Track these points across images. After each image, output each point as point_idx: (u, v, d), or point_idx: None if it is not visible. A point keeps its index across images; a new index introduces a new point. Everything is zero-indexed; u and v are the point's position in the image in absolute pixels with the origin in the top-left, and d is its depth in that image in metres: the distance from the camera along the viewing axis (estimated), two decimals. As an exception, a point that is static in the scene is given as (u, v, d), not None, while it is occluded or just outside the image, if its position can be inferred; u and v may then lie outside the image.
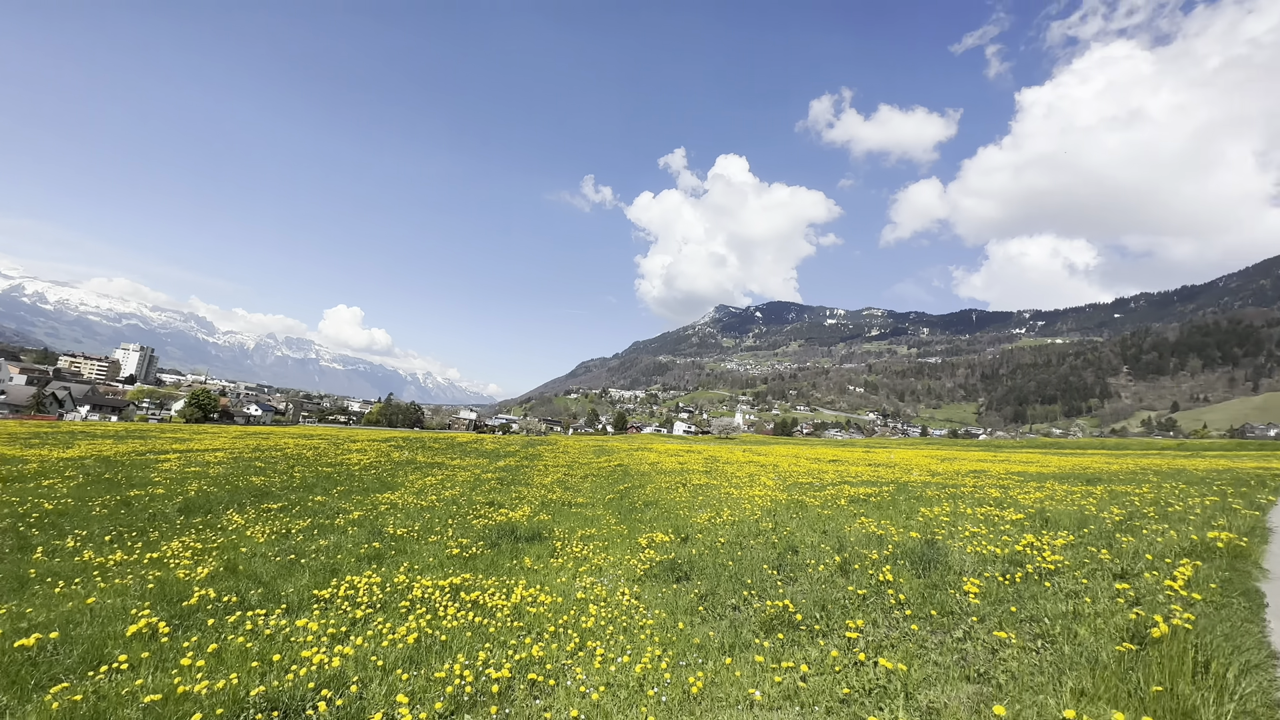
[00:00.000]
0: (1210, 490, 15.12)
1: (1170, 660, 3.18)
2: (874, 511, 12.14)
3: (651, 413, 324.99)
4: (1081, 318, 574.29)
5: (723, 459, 32.84)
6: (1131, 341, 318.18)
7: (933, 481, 18.45)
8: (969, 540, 8.59)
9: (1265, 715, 2.92)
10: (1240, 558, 6.44)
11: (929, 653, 4.49)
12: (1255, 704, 2.96)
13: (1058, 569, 6.50)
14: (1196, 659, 3.21)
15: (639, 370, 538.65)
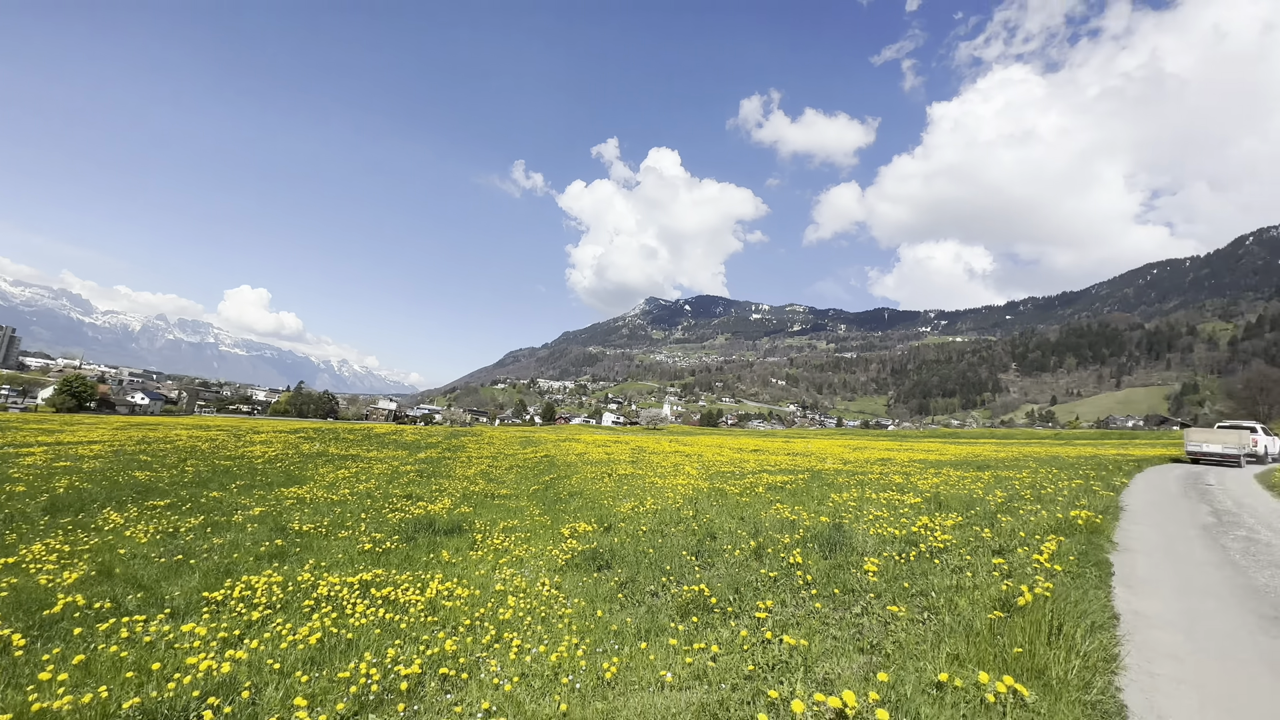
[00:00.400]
0: (1077, 474, 16.98)
1: (1030, 625, 3.56)
2: (789, 498, 12.73)
3: (581, 404, 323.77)
4: (979, 318, 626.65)
5: (649, 449, 33.30)
6: (1020, 341, 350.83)
7: (844, 469, 19.57)
8: (872, 523, 9.19)
9: (1104, 667, 3.35)
10: (1096, 533, 7.30)
11: (830, 628, 4.78)
12: (1096, 659, 3.38)
13: (946, 547, 7.09)
14: (1052, 623, 3.61)
15: (568, 361, 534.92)
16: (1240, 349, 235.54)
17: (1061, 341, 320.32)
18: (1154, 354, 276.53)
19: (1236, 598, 5.13)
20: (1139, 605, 4.71)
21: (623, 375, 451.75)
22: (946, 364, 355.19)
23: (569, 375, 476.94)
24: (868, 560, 6.80)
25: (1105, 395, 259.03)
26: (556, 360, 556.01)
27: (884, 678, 3.03)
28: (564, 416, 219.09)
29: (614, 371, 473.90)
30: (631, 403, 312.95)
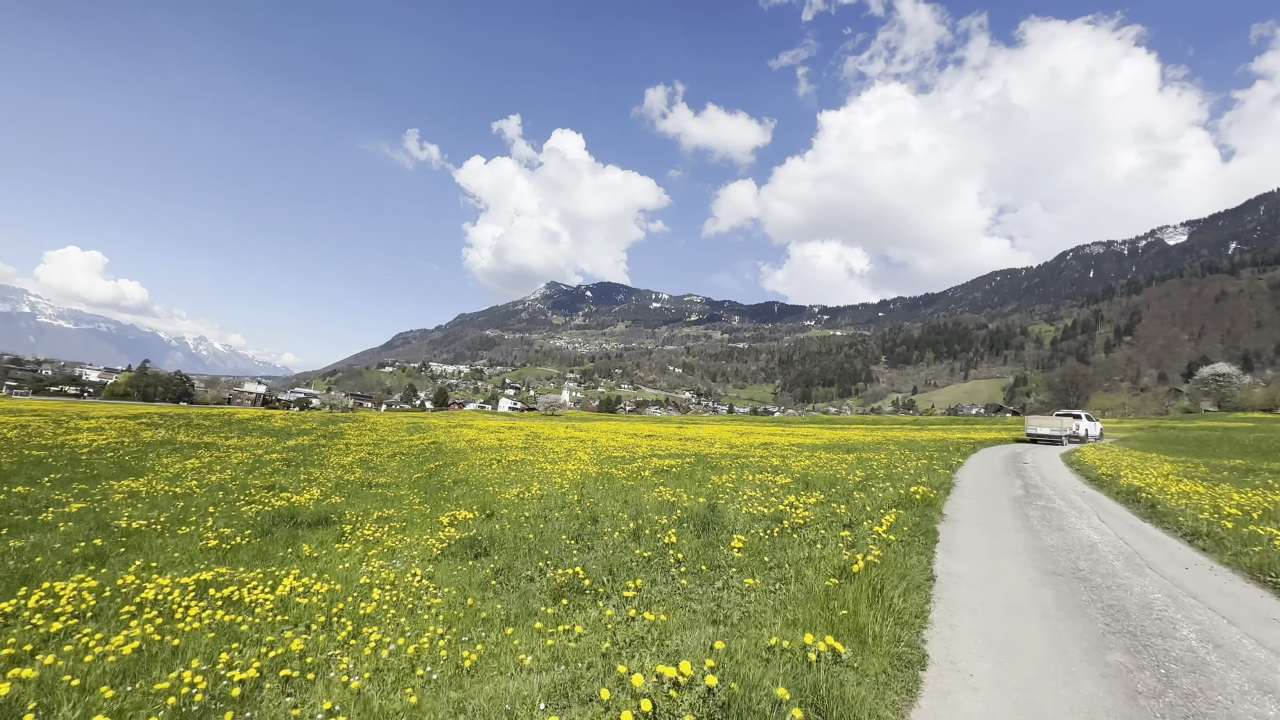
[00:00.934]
0: (925, 456, 19.10)
1: (858, 590, 3.96)
2: (673, 481, 13.16)
3: (476, 389, 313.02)
4: (856, 314, 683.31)
5: (544, 435, 32.95)
6: (889, 337, 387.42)
7: (729, 454, 20.58)
8: (746, 503, 9.74)
9: (915, 623, 3.80)
10: (930, 506, 8.26)
11: (692, 603, 5.01)
12: (909, 616, 3.84)
13: (806, 523, 7.69)
14: (875, 587, 4.04)
15: (464, 344, 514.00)
16: (1059, 348, 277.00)
17: (923, 338, 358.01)
18: (995, 350, 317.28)
19: (1029, 557, 6.03)
20: (953, 567, 5.38)
21: (521, 360, 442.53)
22: (827, 356, 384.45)
23: (464, 359, 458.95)
24: (736, 538, 7.20)
25: (956, 386, 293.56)
26: (451, 343, 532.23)
27: (720, 646, 3.22)
28: (458, 402, 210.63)
29: (512, 356, 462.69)
30: (530, 388, 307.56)
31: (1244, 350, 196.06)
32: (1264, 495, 10.39)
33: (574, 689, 3.22)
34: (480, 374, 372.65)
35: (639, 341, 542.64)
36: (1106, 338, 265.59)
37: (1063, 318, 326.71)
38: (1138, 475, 13.28)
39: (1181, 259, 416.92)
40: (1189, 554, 6.61)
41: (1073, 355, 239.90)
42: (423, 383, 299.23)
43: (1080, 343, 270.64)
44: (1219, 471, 16.32)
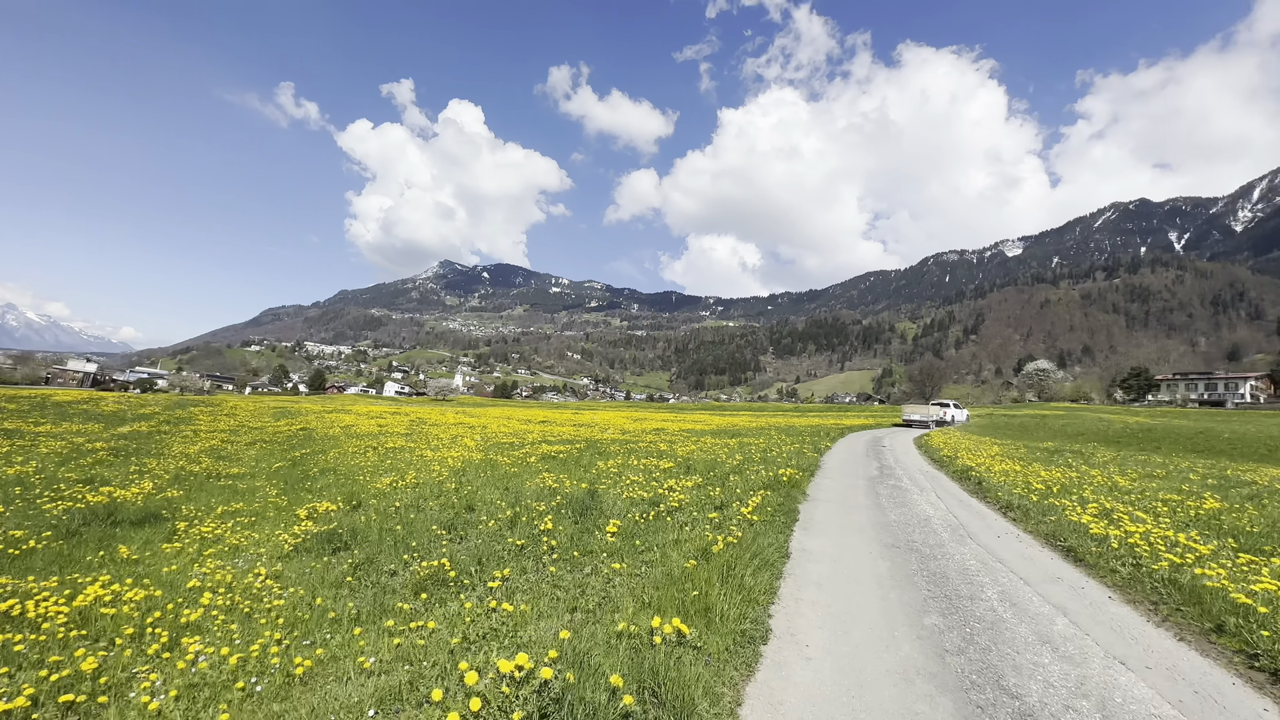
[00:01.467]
0: (800, 440, 20.46)
1: (713, 570, 4.08)
2: (559, 467, 13.01)
3: (359, 372, 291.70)
4: (748, 307, 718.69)
5: (431, 421, 31.37)
6: (776, 329, 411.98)
7: (620, 439, 20.76)
8: (627, 488, 9.82)
9: (764, 600, 3.98)
10: (795, 487, 8.80)
11: (558, 590, 4.91)
12: (759, 593, 4.01)
13: (681, 506, 7.88)
14: (729, 566, 4.19)
15: (346, 323, 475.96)
16: (920, 343, 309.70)
17: (806, 331, 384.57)
18: (867, 344, 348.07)
19: (874, 532, 6.60)
20: (808, 544, 5.72)
21: (411, 342, 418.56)
22: (720, 346, 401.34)
23: (346, 339, 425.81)
24: (612, 523, 7.21)
25: (833, 376, 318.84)
26: (331, 321, 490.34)
27: (565, 635, 3.15)
28: (338, 386, 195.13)
29: (400, 338, 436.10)
30: (419, 372, 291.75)
31: (1060, 349, 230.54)
32: (1063, 472, 12.26)
33: (411, 691, 3.00)
34: (364, 356, 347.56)
35: (538, 326, 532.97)
36: (957, 336, 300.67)
37: (923, 316, 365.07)
38: (971, 457, 15.13)
39: (1017, 269, 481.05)
40: (1003, 524, 7.58)
41: (930, 350, 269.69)
42: (296, 364, 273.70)
43: (936, 339, 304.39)
44: (1034, 452, 19.04)
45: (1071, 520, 7.14)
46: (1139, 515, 7.56)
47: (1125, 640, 3.81)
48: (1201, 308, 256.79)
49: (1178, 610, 4.38)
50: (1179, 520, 7.83)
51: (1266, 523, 7.50)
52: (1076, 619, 4.12)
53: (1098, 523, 6.94)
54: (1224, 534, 7.03)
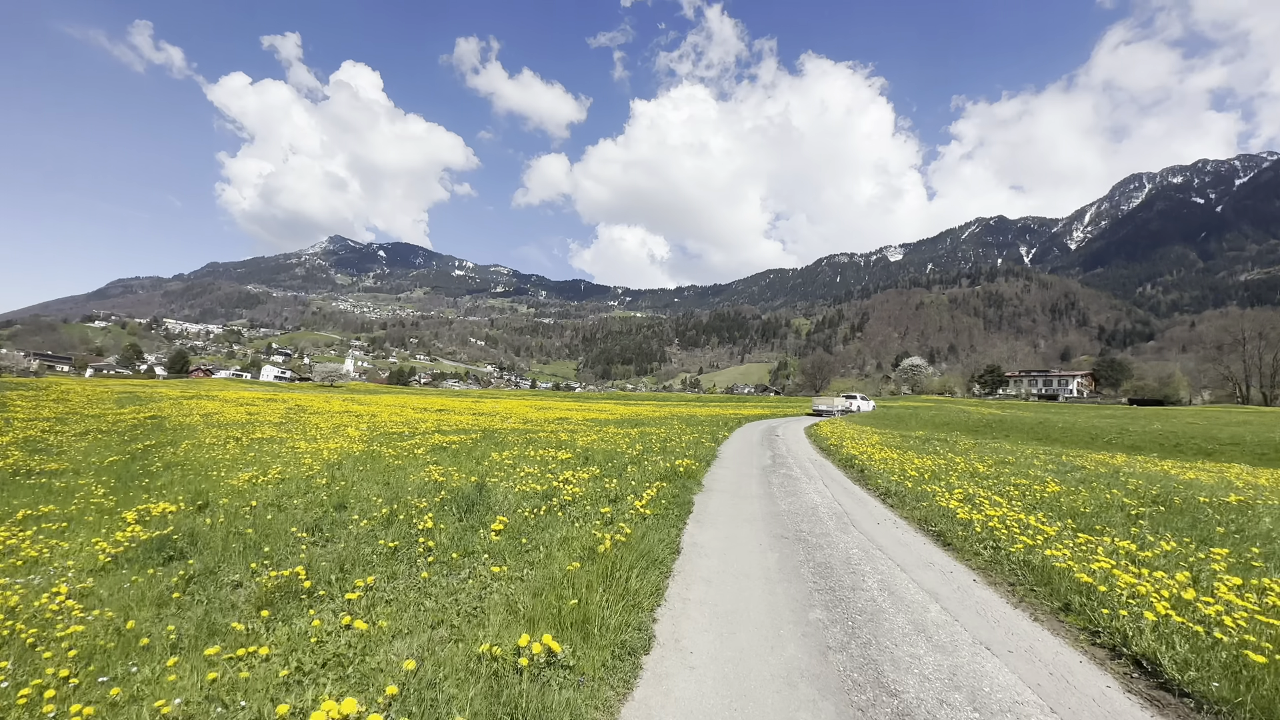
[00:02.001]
0: (700, 429, 20.82)
1: (596, 572, 3.78)
2: (449, 459, 12.20)
3: (232, 354, 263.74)
4: (655, 298, 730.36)
5: (313, 409, 28.72)
6: (682, 321, 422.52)
7: (521, 428, 20.03)
8: (521, 480, 9.31)
9: (648, 603, 3.74)
10: (691, 478, 8.75)
11: (425, 599, 4.39)
12: (643, 595, 3.77)
13: (574, 500, 7.53)
14: (613, 567, 3.91)
15: (216, 299, 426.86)
16: (812, 339, 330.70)
17: (710, 324, 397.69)
18: (766, 338, 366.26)
19: (765, 523, 6.63)
20: (699, 538, 5.59)
21: (295, 323, 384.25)
22: (627, 336, 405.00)
23: (216, 317, 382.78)
24: (498, 519, 6.72)
25: (734, 368, 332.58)
26: (198, 297, 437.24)
27: (410, 665, 2.71)
28: (205, 368, 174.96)
29: (282, 318, 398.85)
30: (304, 355, 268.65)
31: (931, 347, 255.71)
32: (934, 460, 13.30)
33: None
34: (238, 336, 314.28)
35: (439, 310, 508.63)
36: (845, 333, 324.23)
37: (816, 314, 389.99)
38: (855, 446, 16.11)
39: (898, 273, 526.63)
40: (882, 511, 7.96)
41: (821, 346, 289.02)
42: (153, 343, 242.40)
43: (827, 335, 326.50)
44: (908, 441, 20.71)
45: (941, 505, 7.62)
46: (996, 500, 8.23)
47: (989, 624, 3.97)
48: (1042, 314, 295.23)
49: (1032, 591, 4.69)
50: (1028, 503, 8.65)
51: (1097, 504, 8.45)
52: (947, 605, 4.27)
53: (963, 508, 7.46)
54: (1064, 515, 7.82)
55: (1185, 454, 23.47)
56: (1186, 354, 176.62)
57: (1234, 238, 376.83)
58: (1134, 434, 27.85)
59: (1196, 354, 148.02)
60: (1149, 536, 6.23)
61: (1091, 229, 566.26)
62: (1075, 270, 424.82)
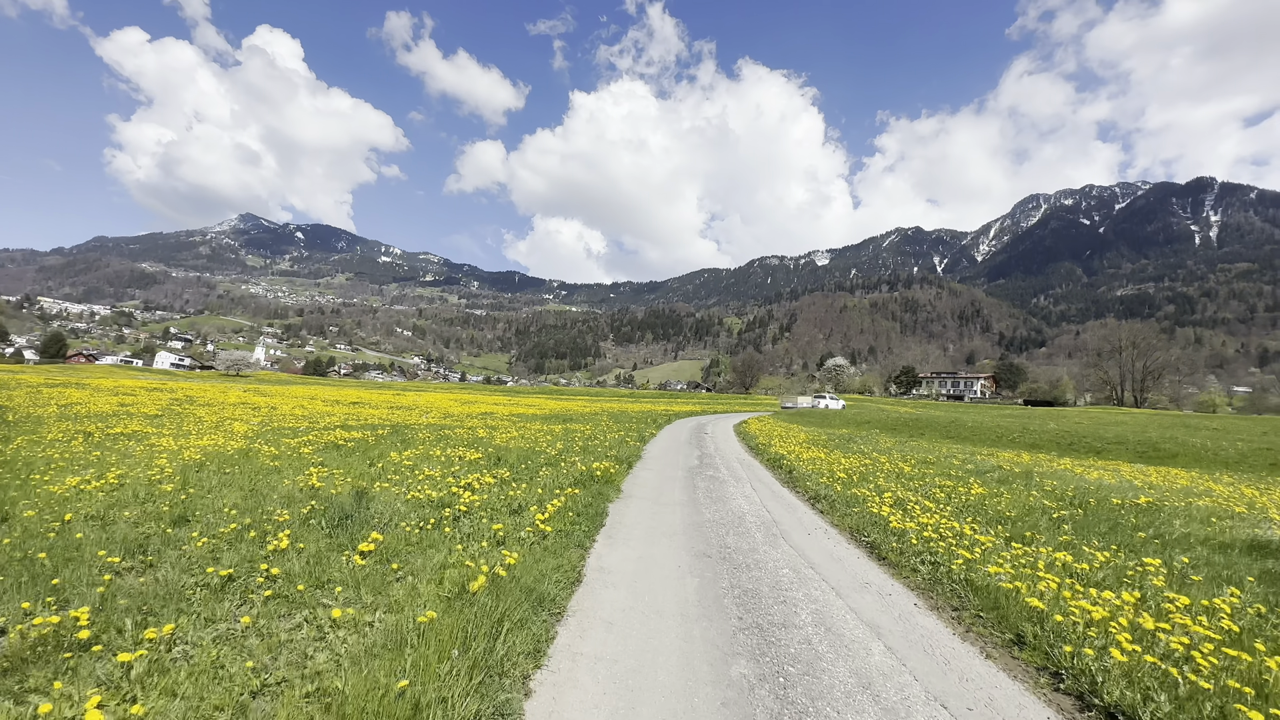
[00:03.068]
0: (628, 426, 20.04)
1: (452, 628, 2.83)
2: (341, 459, 10.73)
3: (122, 338, 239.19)
4: (591, 293, 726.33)
5: (204, 399, 25.68)
6: (617, 317, 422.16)
7: (438, 423, 18.50)
8: (416, 485, 8.12)
9: (524, 668, 2.83)
10: (610, 483, 7.90)
11: (233, 659, 3.27)
12: (519, 656, 2.85)
13: (470, 510, 6.48)
14: (483, 617, 2.97)
15: (104, 277, 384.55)
16: (744, 337, 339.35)
17: (645, 320, 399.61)
18: (699, 336, 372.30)
19: (686, 537, 5.86)
20: (608, 559, 4.72)
21: (198, 306, 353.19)
22: (562, 330, 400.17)
23: (103, 297, 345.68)
24: (373, 536, 5.58)
25: (667, 364, 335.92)
26: (81, 273, 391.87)
27: None
28: (88, 353, 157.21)
29: (183, 300, 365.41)
30: (208, 342, 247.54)
31: (853, 349, 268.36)
32: (859, 460, 13.14)
33: None
34: (129, 319, 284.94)
35: (362, 298, 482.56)
36: (774, 333, 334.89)
37: (748, 313, 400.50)
38: (783, 444, 15.85)
39: (825, 277, 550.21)
40: (812, 518, 7.41)
41: (751, 345, 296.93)
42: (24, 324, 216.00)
43: (757, 335, 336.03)
44: (833, 439, 20.85)
45: (872, 512, 7.16)
46: (926, 504, 7.90)
47: (940, 667, 3.35)
48: (952, 320, 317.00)
49: (979, 618, 4.15)
50: (956, 506, 8.42)
51: (1020, 508, 8.32)
52: (891, 642, 3.62)
53: (895, 514, 7.03)
54: (992, 521, 7.59)
55: (1078, 452, 25.14)
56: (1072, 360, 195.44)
57: (1113, 256, 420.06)
58: (1034, 433, 29.67)
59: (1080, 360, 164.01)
60: (1083, 546, 5.95)
61: (995, 243, 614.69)
62: (981, 281, 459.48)
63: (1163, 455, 23.36)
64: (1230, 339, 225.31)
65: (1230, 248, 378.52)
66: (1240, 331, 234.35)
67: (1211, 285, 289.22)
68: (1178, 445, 24.66)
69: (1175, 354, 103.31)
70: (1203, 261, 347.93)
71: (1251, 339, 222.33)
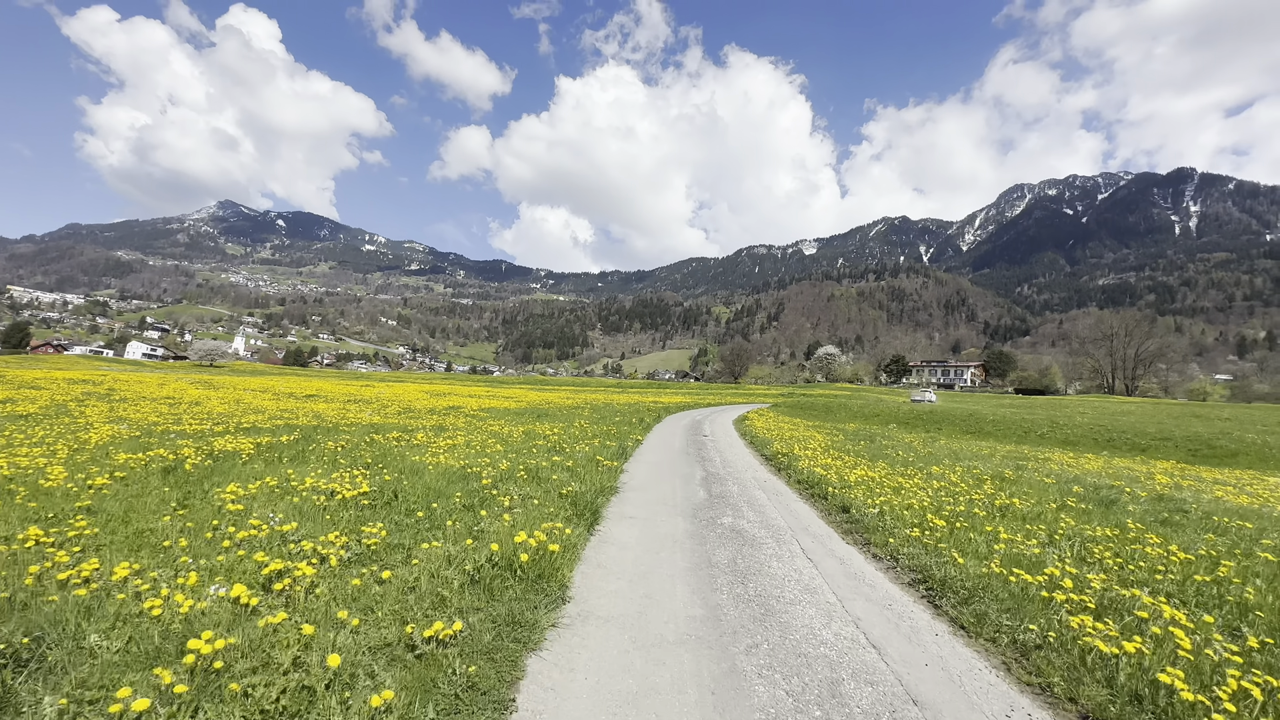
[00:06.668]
0: (608, 426, 16.68)
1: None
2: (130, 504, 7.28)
3: (96, 327, 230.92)
4: (578, 282, 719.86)
5: (125, 393, 21.84)
6: (605, 306, 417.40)
7: (379, 423, 14.96)
8: (135, 603, 4.74)
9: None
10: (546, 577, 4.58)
11: None
12: None
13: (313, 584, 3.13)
14: None
15: (78, 265, 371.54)
16: (732, 326, 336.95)
17: (633, 310, 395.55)
18: (687, 325, 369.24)
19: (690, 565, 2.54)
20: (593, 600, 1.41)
21: (176, 295, 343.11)
22: (549, 319, 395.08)
23: (77, 286, 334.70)
24: None
25: (656, 354, 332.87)
26: (54, 261, 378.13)
27: None
28: (58, 343, 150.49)
29: (160, 289, 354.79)
30: (185, 331, 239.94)
31: (840, 337, 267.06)
32: (918, 477, 9.78)
33: None
34: (103, 308, 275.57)
35: (346, 287, 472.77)
36: (762, 322, 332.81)
37: (736, 303, 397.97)
38: (804, 450, 12.63)
39: (812, 266, 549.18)
40: (926, 623, 4.14)
41: (740, 334, 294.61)
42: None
43: (745, 324, 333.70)
44: (854, 440, 17.68)
45: (1042, 620, 3.90)
46: (1122, 592, 4.65)
47: None
48: (938, 309, 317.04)
49: None
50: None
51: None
52: None
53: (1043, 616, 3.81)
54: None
55: (1119, 449, 22.27)
56: (1055, 348, 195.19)
57: (1095, 246, 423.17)
58: (1064, 427, 26.74)
59: (1065, 349, 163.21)
60: None
61: (981, 233, 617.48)
62: (966, 270, 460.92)
63: (1220, 454, 20.51)
64: (1209, 327, 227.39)
65: (1209, 237, 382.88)
66: (1219, 320, 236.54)
67: (1191, 274, 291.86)
68: (1234, 442, 21.78)
69: (1169, 341, 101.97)
70: (1182, 251, 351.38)
71: (1230, 327, 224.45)
